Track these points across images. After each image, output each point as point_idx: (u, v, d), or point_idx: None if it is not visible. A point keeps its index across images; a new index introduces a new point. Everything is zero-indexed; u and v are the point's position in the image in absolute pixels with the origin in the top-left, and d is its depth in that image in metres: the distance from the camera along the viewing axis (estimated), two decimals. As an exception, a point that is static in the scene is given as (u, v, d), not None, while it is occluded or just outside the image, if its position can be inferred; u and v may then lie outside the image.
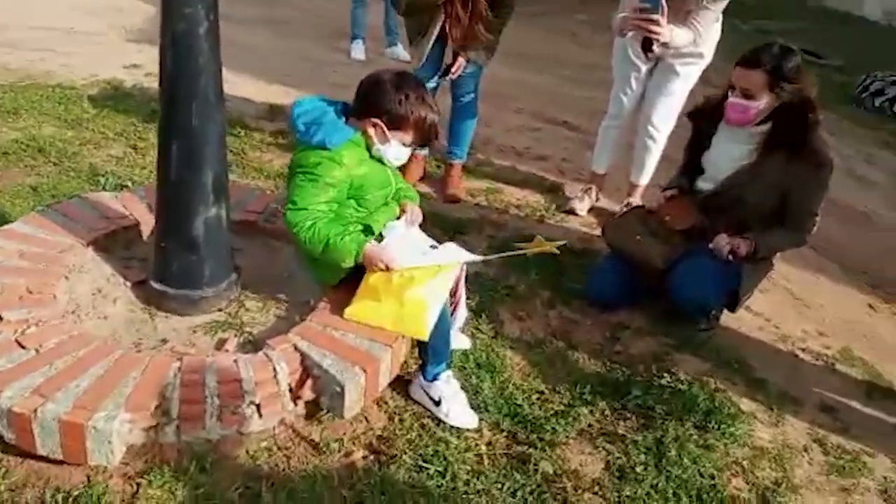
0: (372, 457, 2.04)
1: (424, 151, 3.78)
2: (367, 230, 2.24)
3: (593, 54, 6.87)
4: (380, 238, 2.24)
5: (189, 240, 2.13)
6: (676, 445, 2.25)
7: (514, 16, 3.43)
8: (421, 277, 2.15)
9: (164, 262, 2.19)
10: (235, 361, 1.95)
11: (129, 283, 2.31)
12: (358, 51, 6.12)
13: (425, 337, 2.14)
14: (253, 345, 2.15)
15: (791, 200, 2.66)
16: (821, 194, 2.68)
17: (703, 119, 2.84)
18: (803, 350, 2.91)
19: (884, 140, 5.83)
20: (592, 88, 5.60)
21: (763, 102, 2.59)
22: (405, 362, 2.37)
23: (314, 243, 2.11)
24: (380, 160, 2.26)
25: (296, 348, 2.03)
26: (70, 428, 1.71)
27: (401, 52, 6.07)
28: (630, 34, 3.21)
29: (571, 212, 3.69)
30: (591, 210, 3.76)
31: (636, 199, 3.65)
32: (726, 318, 2.95)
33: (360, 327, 2.14)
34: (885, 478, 2.30)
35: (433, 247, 2.31)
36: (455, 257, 2.30)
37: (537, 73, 6.33)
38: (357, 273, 2.23)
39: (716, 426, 2.35)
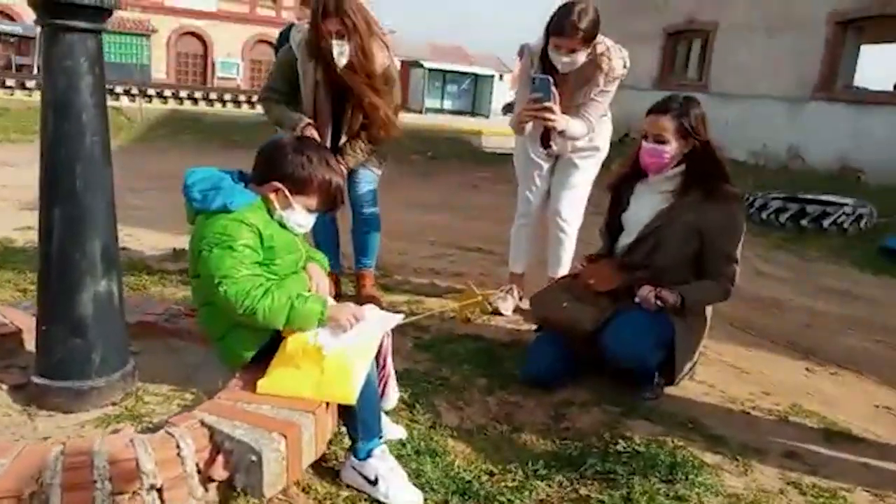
0: (302, 545, 1.71)
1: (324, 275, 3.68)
2: None
3: (496, 199, 7.18)
4: None
5: (75, 320, 1.87)
6: (646, 499, 2.02)
7: (412, 172, 3.42)
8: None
9: (46, 351, 1.90)
10: (131, 441, 1.65)
11: (5, 387, 1.98)
12: None
13: (352, 400, 1.90)
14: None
15: (708, 244, 2.67)
16: (736, 236, 2.71)
17: (620, 183, 2.90)
18: (753, 408, 2.78)
19: (776, 244, 6.25)
20: (500, 224, 5.72)
21: (675, 147, 2.68)
22: (331, 446, 2.10)
23: (275, 311, 1.92)
24: (283, 226, 2.13)
25: (202, 423, 1.75)
26: None
27: None
28: (528, 127, 3.34)
29: (496, 312, 3.59)
30: (516, 310, 3.68)
31: None
32: (670, 389, 2.83)
33: (277, 399, 1.89)
34: (869, 510, 2.12)
35: None
36: (383, 322, 2.14)
37: (446, 216, 6.50)
38: (270, 348, 2.02)
39: (683, 477, 2.14)
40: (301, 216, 2.14)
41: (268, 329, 2.02)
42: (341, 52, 3.09)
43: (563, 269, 3.64)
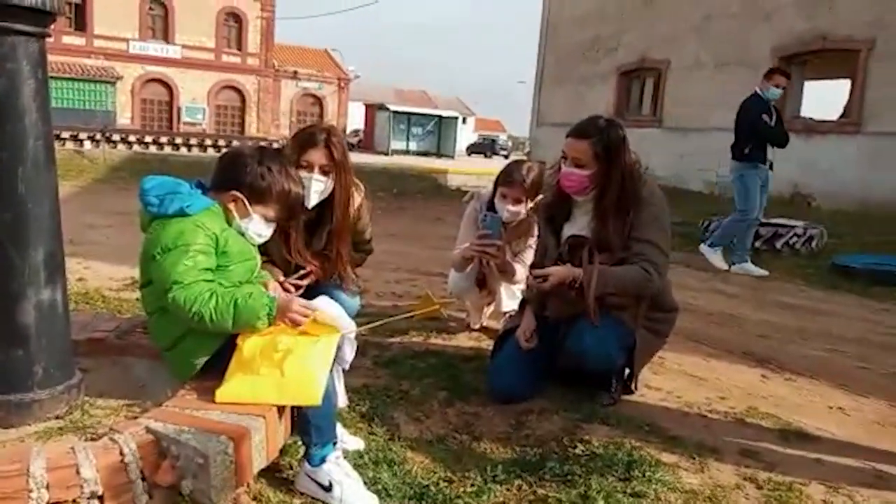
0: (254, 552, 1.66)
1: None
2: None
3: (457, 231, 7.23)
4: None
5: (15, 329, 1.82)
6: (603, 496, 2.02)
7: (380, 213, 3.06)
8: (300, 348, 1.94)
9: (-15, 363, 1.85)
10: (72, 448, 1.60)
11: (-58, 405, 1.92)
12: None
13: (318, 401, 1.88)
14: (98, 444, 1.79)
15: (631, 238, 2.61)
16: (659, 227, 2.63)
17: (552, 209, 2.87)
18: (710, 411, 2.81)
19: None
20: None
21: (594, 170, 2.63)
22: (285, 457, 2.06)
23: (222, 312, 1.89)
24: (241, 234, 2.13)
25: (147, 430, 1.70)
26: None
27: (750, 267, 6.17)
28: (470, 266, 3.40)
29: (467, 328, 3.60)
30: (480, 327, 3.68)
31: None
32: (627, 396, 2.85)
33: (225, 406, 1.85)
34: (824, 501, 2.14)
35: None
36: (339, 322, 2.12)
37: (409, 246, 6.53)
38: (221, 356, 1.99)
39: (640, 475, 2.15)
40: (260, 225, 2.14)
41: (218, 337, 1.99)
42: (320, 190, 2.54)
43: (515, 302, 3.58)
